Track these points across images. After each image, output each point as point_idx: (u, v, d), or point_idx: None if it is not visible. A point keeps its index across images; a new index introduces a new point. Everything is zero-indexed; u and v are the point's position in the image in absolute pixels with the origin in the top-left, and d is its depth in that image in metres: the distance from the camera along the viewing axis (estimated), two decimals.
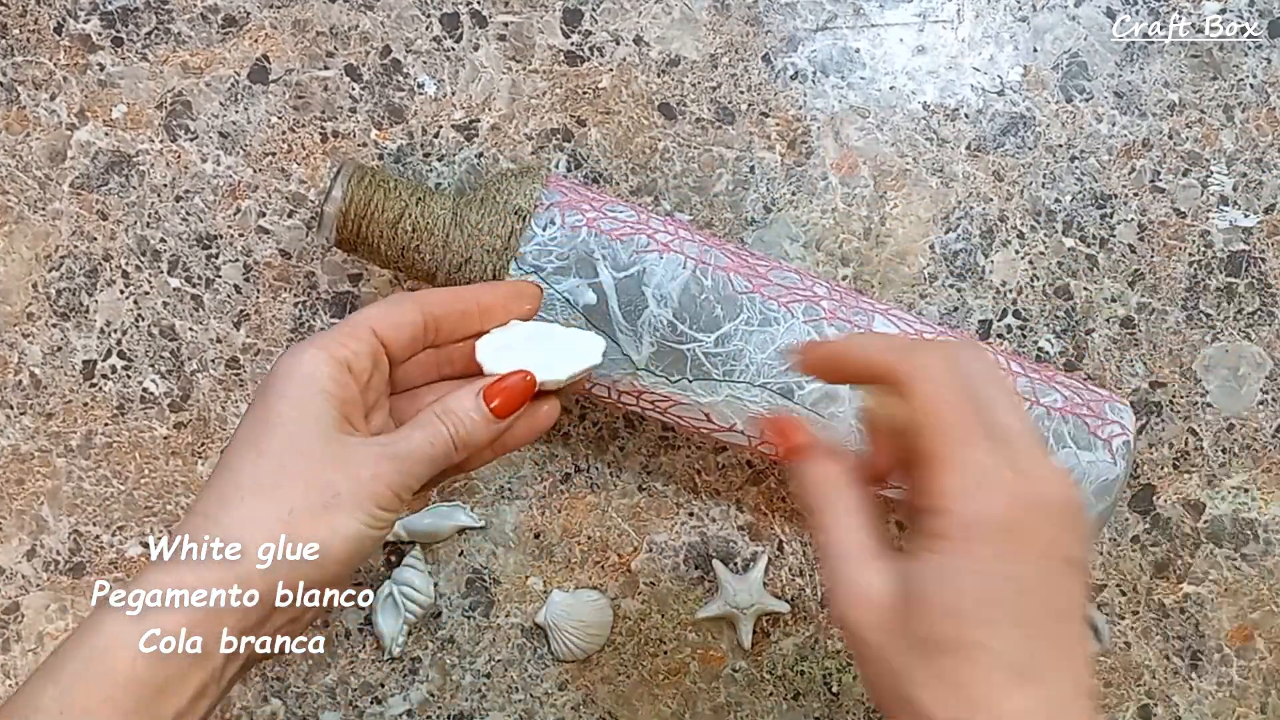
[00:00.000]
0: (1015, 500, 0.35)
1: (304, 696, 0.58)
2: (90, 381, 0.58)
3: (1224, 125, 0.58)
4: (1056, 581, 0.36)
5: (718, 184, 0.58)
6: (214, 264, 0.58)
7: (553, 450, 0.58)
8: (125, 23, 0.58)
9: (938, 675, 0.35)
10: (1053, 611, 0.36)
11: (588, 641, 0.57)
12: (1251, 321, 0.58)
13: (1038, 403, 0.50)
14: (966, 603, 0.35)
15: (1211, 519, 0.58)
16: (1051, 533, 0.36)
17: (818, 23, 0.58)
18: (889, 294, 0.58)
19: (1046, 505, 0.36)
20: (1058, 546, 0.36)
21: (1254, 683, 0.58)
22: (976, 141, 0.58)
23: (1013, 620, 0.35)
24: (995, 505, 0.35)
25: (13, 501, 0.58)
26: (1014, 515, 0.35)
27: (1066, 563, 0.36)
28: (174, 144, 0.58)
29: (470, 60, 0.58)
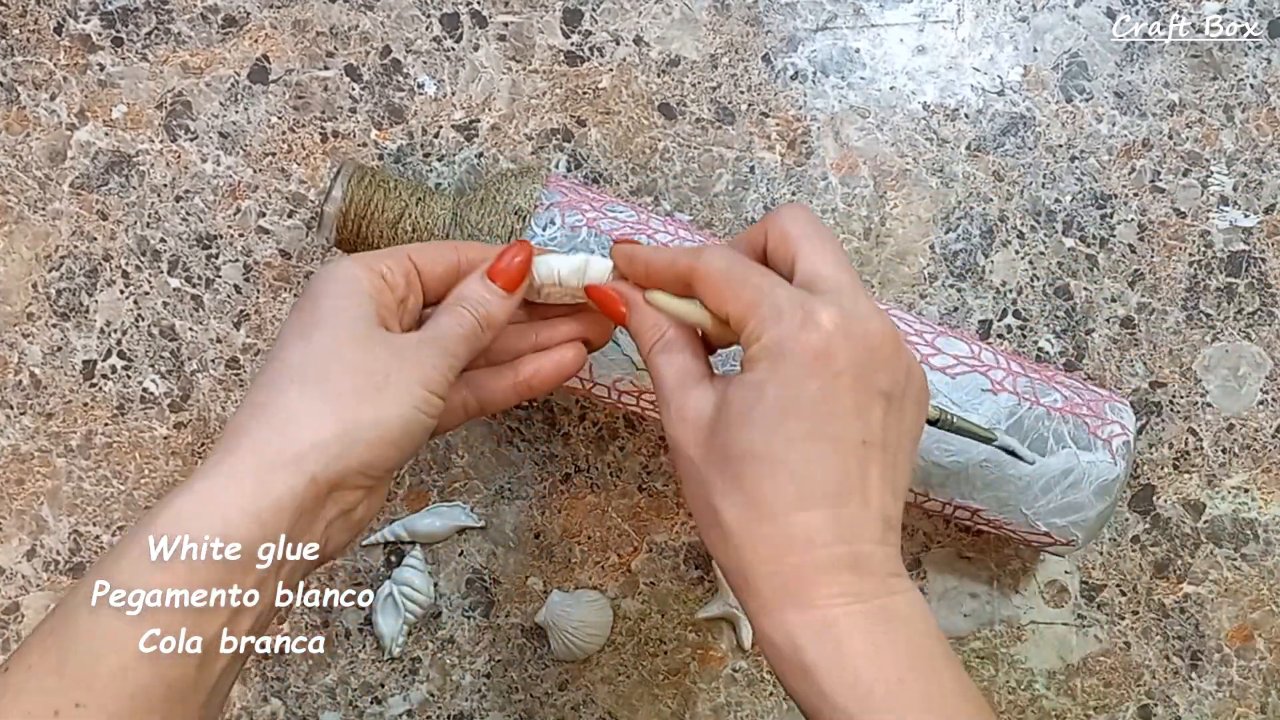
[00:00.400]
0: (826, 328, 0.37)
1: (304, 696, 0.58)
2: (90, 381, 0.58)
3: (1224, 125, 0.58)
4: (865, 410, 0.37)
5: (718, 184, 0.58)
6: (214, 264, 0.58)
7: (553, 450, 0.58)
8: (125, 23, 0.58)
9: (736, 484, 0.37)
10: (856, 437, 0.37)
11: (588, 641, 0.57)
12: (1251, 321, 0.58)
13: (1038, 403, 0.51)
14: (768, 415, 0.37)
15: (1211, 519, 0.58)
16: (863, 362, 0.37)
17: (818, 23, 0.58)
18: (889, 294, 0.58)
19: (861, 336, 0.37)
20: (869, 377, 0.37)
21: (1254, 683, 0.58)
22: (976, 141, 0.58)
23: (810, 437, 0.37)
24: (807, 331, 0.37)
25: (13, 501, 0.58)
26: (824, 342, 0.37)
27: (881, 395, 0.38)
28: (174, 144, 0.58)
29: (470, 60, 0.58)
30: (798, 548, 0.36)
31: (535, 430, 0.58)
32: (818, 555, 0.36)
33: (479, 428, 0.58)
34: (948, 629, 0.58)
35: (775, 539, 0.37)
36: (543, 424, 0.58)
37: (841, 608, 0.36)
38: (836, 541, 0.37)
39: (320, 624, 0.58)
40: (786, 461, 0.37)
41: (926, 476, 0.51)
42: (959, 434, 0.44)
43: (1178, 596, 0.58)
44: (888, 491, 0.38)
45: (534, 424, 0.58)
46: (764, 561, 0.37)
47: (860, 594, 0.36)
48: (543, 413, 0.58)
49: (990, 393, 0.50)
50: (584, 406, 0.58)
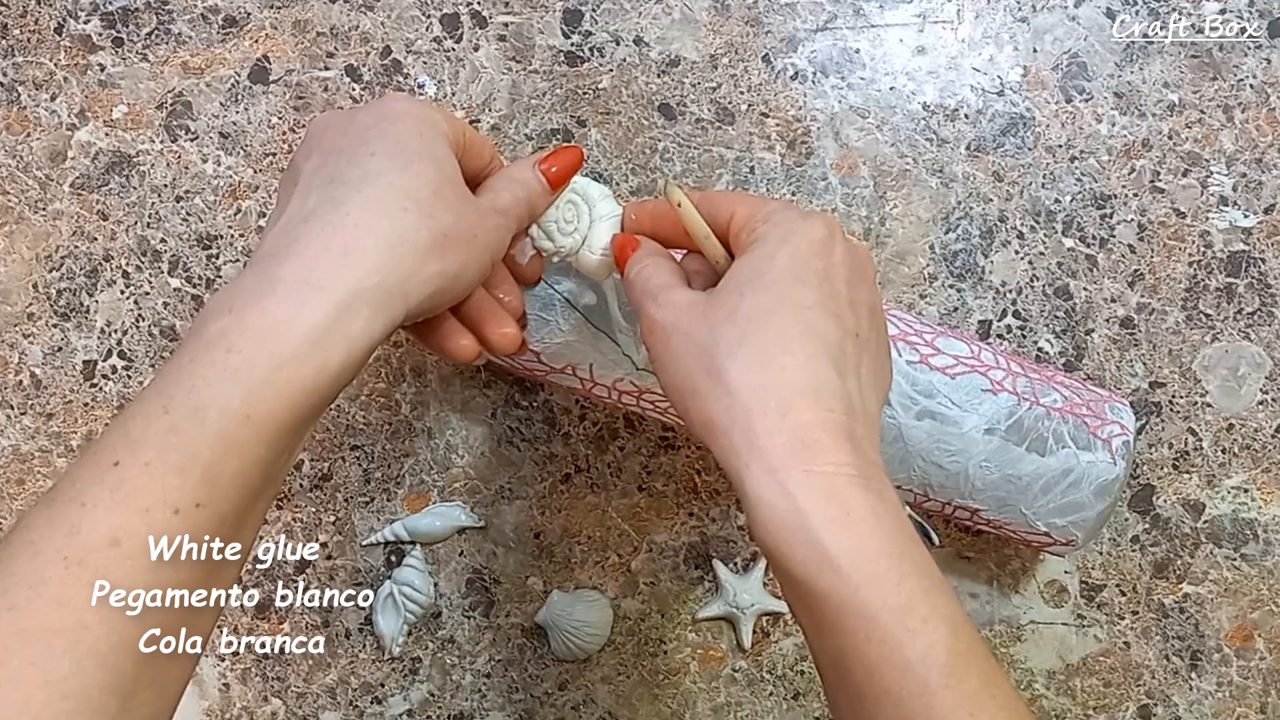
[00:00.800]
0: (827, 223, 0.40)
1: (304, 696, 0.58)
2: (90, 382, 0.58)
3: (1224, 125, 0.58)
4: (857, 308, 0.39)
5: (718, 184, 0.58)
6: (214, 264, 0.58)
7: (553, 450, 0.58)
8: (126, 23, 0.58)
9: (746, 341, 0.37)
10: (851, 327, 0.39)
11: (588, 641, 0.57)
12: (1251, 321, 0.58)
13: (1038, 403, 0.51)
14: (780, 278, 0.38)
15: (1211, 519, 0.58)
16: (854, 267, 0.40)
17: (818, 23, 0.58)
18: (889, 294, 0.58)
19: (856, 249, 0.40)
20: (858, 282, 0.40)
21: (1254, 683, 0.58)
22: (976, 142, 0.58)
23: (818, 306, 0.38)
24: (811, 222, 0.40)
25: (13, 501, 0.58)
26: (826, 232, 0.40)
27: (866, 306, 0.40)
28: (174, 144, 0.58)
29: (470, 61, 0.58)
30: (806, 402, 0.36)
31: (535, 430, 0.58)
32: (826, 416, 0.36)
33: (479, 428, 0.58)
34: None
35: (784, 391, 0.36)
36: (543, 424, 0.58)
37: (846, 478, 0.36)
38: (841, 409, 0.37)
39: (320, 624, 0.58)
40: (800, 320, 0.37)
41: (926, 477, 0.51)
42: None
43: (1177, 596, 0.58)
44: (870, 394, 0.39)
45: (534, 424, 0.58)
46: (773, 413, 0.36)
47: (860, 470, 0.36)
48: (543, 413, 0.58)
49: (990, 393, 0.50)
50: (584, 406, 0.58)
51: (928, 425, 0.49)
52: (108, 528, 0.32)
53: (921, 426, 0.49)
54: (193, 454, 0.33)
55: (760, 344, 0.37)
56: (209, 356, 0.34)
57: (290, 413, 0.34)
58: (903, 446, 0.50)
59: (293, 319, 0.35)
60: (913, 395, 0.49)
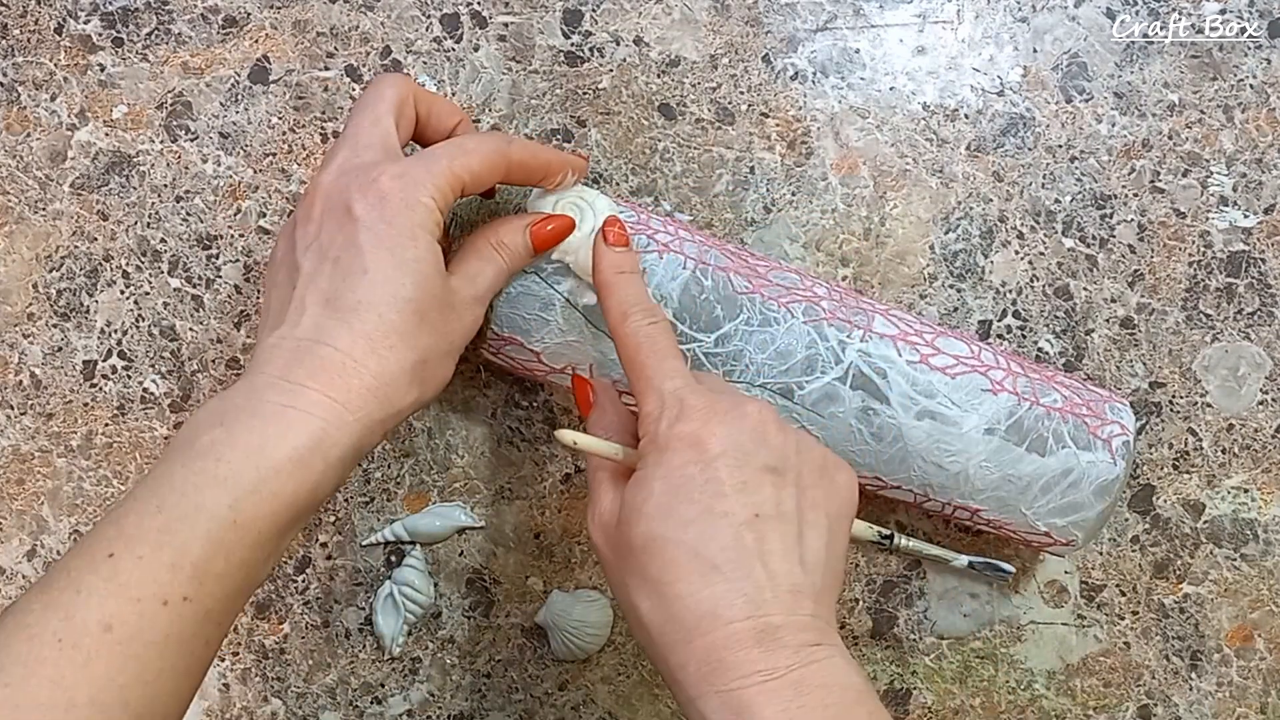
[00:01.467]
0: (706, 415, 0.40)
1: (304, 696, 0.58)
2: (90, 382, 0.58)
3: (1224, 126, 0.58)
4: (753, 486, 0.39)
5: (718, 184, 0.58)
6: (214, 264, 0.58)
7: (553, 450, 0.58)
8: (125, 23, 0.58)
9: (642, 575, 0.39)
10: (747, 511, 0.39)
11: (588, 641, 0.57)
12: (1251, 322, 0.58)
13: (1037, 403, 0.51)
14: (659, 504, 0.39)
15: (1211, 519, 0.58)
16: (740, 443, 0.39)
17: (818, 23, 0.58)
18: (889, 294, 0.58)
19: (737, 420, 0.40)
20: (750, 456, 0.39)
21: (1254, 683, 0.58)
22: (976, 142, 0.58)
23: (701, 516, 0.38)
24: (683, 419, 0.40)
25: (13, 502, 0.58)
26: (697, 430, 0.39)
27: (767, 470, 0.39)
28: (174, 144, 0.58)
29: (470, 61, 0.58)
30: (705, 625, 0.37)
31: (535, 430, 0.58)
32: (726, 632, 0.37)
33: (479, 428, 0.58)
34: (948, 629, 0.58)
35: (684, 620, 0.38)
36: (543, 424, 0.58)
37: (756, 686, 0.36)
38: (743, 615, 0.37)
39: (320, 624, 0.58)
40: (682, 543, 0.38)
41: (926, 477, 0.51)
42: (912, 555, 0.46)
43: (1177, 596, 0.58)
44: (794, 561, 0.39)
45: (534, 424, 0.58)
46: (679, 647, 0.38)
47: (773, 669, 0.37)
48: (543, 413, 0.58)
49: (990, 393, 0.50)
50: None
51: (927, 425, 0.49)
52: (100, 614, 0.35)
53: (921, 426, 0.49)
54: (184, 551, 0.36)
55: (656, 578, 0.38)
56: (200, 464, 0.37)
57: (273, 520, 0.38)
58: (902, 446, 0.50)
59: (278, 440, 0.38)
60: (913, 395, 0.49)
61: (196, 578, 0.36)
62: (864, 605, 0.58)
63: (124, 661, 0.35)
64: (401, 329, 0.41)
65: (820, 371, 0.49)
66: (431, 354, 0.43)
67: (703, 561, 0.38)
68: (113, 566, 0.35)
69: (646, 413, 0.41)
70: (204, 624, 0.37)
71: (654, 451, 0.40)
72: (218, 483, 0.37)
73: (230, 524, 0.37)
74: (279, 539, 0.39)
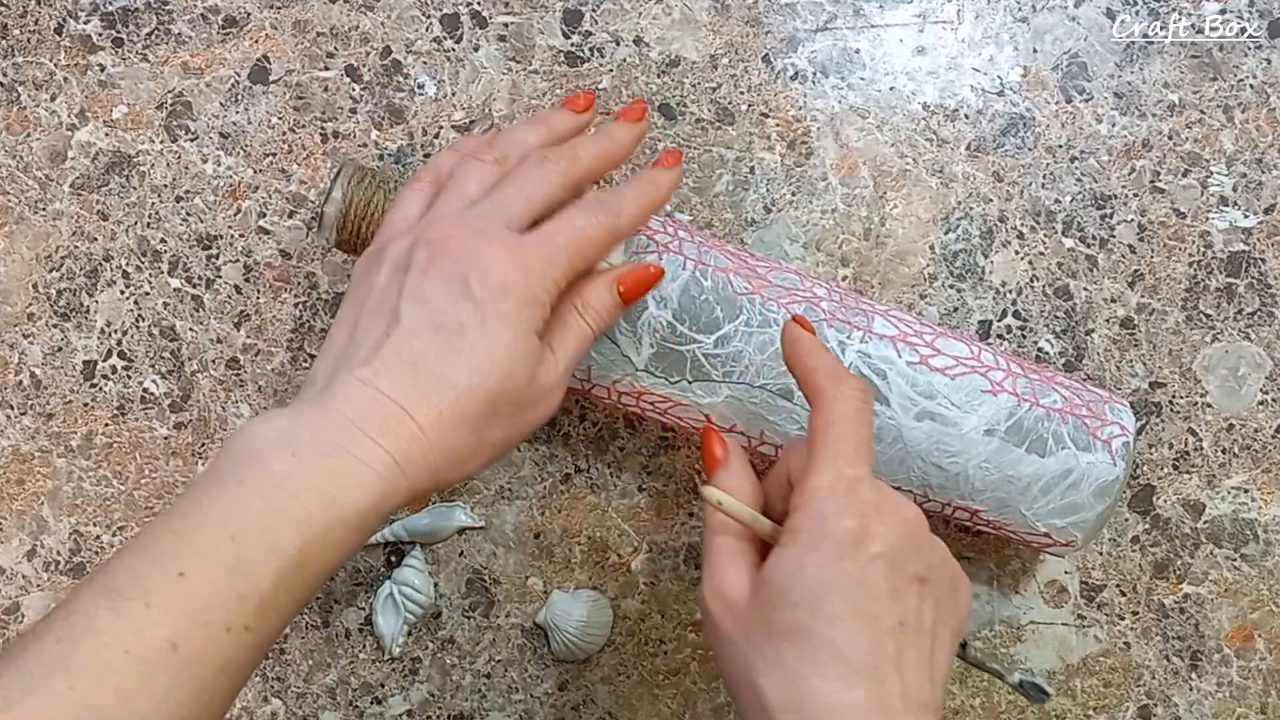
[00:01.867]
0: (870, 512, 0.39)
1: (304, 696, 0.58)
2: (90, 382, 0.58)
3: (1224, 126, 0.58)
4: (901, 593, 0.39)
5: (718, 184, 0.58)
6: (214, 264, 0.58)
7: (553, 450, 0.58)
8: (125, 23, 0.58)
9: (776, 661, 0.38)
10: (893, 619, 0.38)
11: (588, 641, 0.57)
12: (1251, 322, 0.58)
13: (1037, 403, 0.51)
14: (808, 593, 0.38)
15: (1211, 519, 0.58)
16: (898, 547, 0.39)
17: (818, 23, 0.58)
18: (889, 294, 0.58)
19: (899, 524, 0.39)
20: (904, 561, 0.39)
21: (1254, 683, 0.58)
22: (976, 142, 0.58)
23: (850, 616, 0.38)
24: (851, 510, 0.39)
25: (13, 502, 0.58)
26: (864, 524, 0.39)
27: (916, 579, 0.39)
28: (174, 144, 0.58)
29: (470, 61, 0.58)
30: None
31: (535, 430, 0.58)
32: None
33: None
34: None
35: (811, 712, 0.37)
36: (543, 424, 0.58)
37: None
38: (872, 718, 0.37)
39: (320, 624, 0.58)
40: (828, 640, 0.38)
41: (926, 478, 0.51)
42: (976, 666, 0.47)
43: (1177, 597, 0.58)
44: (924, 675, 0.39)
45: None
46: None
47: None
48: None
49: (990, 394, 0.50)
50: (584, 406, 0.58)
51: (927, 426, 0.49)
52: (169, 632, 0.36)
53: (921, 427, 0.49)
54: (254, 584, 0.37)
55: (792, 665, 0.38)
56: (276, 498, 0.38)
57: (329, 567, 0.40)
58: (902, 447, 0.50)
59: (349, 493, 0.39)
60: (912, 396, 0.49)
61: (260, 610, 0.37)
62: None
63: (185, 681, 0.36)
64: (474, 417, 0.42)
65: None
66: (494, 444, 0.43)
67: (844, 663, 0.38)
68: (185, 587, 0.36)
69: (814, 486, 0.40)
70: (257, 652, 0.38)
71: (811, 533, 0.39)
72: (293, 523, 0.38)
73: (297, 565, 0.38)
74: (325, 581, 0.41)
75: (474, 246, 0.43)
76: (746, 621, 0.40)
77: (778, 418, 0.50)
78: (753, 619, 0.40)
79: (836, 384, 0.42)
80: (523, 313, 0.42)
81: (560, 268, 0.43)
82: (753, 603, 0.40)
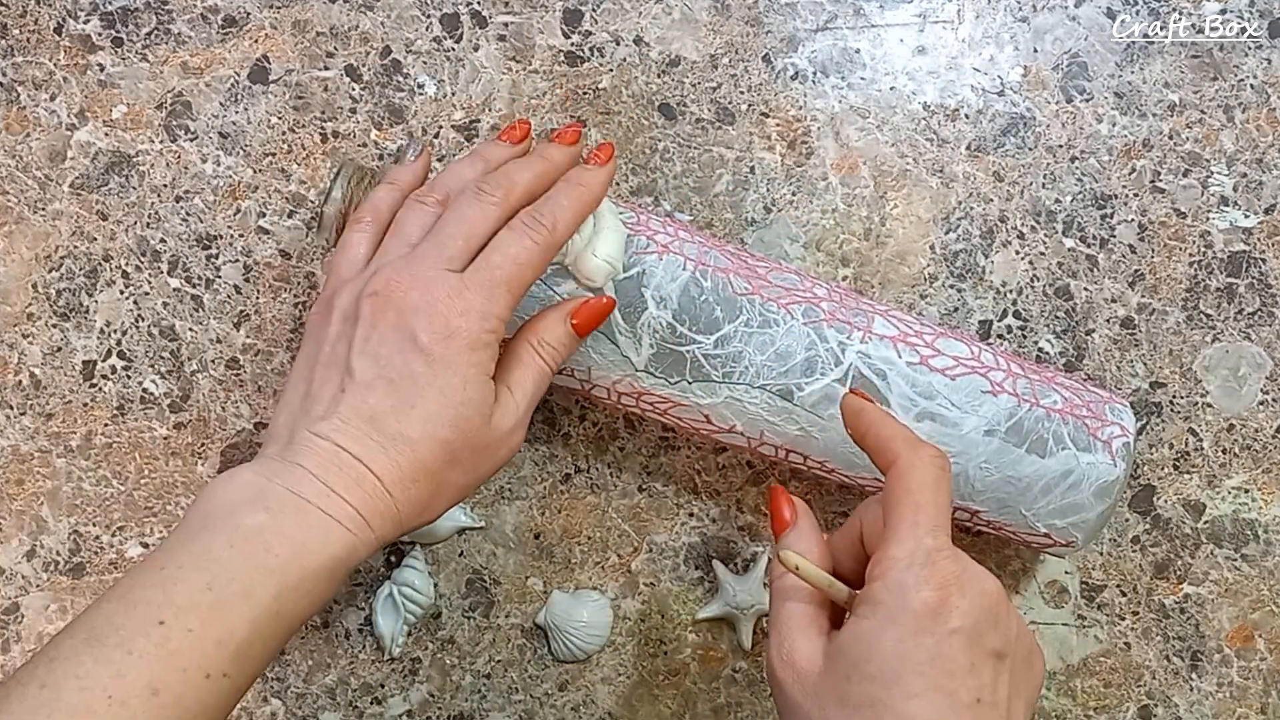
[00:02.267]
0: (950, 584, 0.38)
1: (304, 697, 0.58)
2: (90, 382, 0.58)
3: (1224, 126, 0.58)
4: (979, 668, 0.38)
5: (718, 184, 0.58)
6: (214, 264, 0.58)
7: (553, 450, 0.58)
8: (125, 23, 0.58)
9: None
10: (970, 695, 0.38)
11: (588, 642, 0.57)
12: (1252, 322, 0.58)
13: (1037, 404, 0.50)
14: (885, 667, 0.38)
15: (1212, 519, 0.58)
16: (977, 621, 0.38)
17: (818, 23, 0.58)
18: (889, 294, 0.58)
19: (979, 597, 0.39)
20: (982, 636, 0.38)
21: (1254, 683, 0.58)
22: (977, 142, 0.58)
23: (927, 691, 0.37)
24: (930, 582, 0.38)
25: (13, 502, 0.58)
26: (944, 597, 0.38)
27: (993, 654, 0.39)
28: (174, 144, 0.58)
29: (470, 60, 0.58)
30: None
31: (535, 430, 0.58)
32: None
33: None
34: None
35: None
36: (543, 424, 0.58)
37: None
38: None
39: (320, 624, 0.58)
40: (902, 715, 0.37)
41: None
42: None
43: (1178, 597, 0.58)
44: None
45: (534, 424, 0.58)
46: None
47: None
48: (543, 413, 0.58)
49: (990, 394, 0.50)
50: (584, 406, 0.58)
51: (927, 427, 0.49)
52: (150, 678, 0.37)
53: (921, 428, 0.49)
54: (231, 632, 0.38)
55: None
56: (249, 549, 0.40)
57: (302, 617, 0.41)
58: None
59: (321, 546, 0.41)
60: (912, 397, 0.49)
61: (237, 657, 0.38)
62: None
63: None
64: (432, 468, 0.43)
65: (820, 373, 0.49)
66: (456, 488, 0.45)
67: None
68: (164, 634, 0.37)
69: (893, 556, 0.39)
70: (234, 697, 0.39)
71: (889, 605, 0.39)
72: (267, 572, 0.39)
73: (273, 614, 0.39)
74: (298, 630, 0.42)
75: (417, 295, 0.43)
76: (818, 691, 0.39)
77: (778, 418, 0.50)
78: (825, 689, 0.39)
79: (914, 452, 0.42)
80: (471, 358, 0.43)
81: (502, 301, 0.44)
82: (825, 672, 0.39)
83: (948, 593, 0.38)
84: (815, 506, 0.58)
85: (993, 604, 0.39)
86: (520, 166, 0.47)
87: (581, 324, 0.47)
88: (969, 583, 0.39)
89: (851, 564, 0.44)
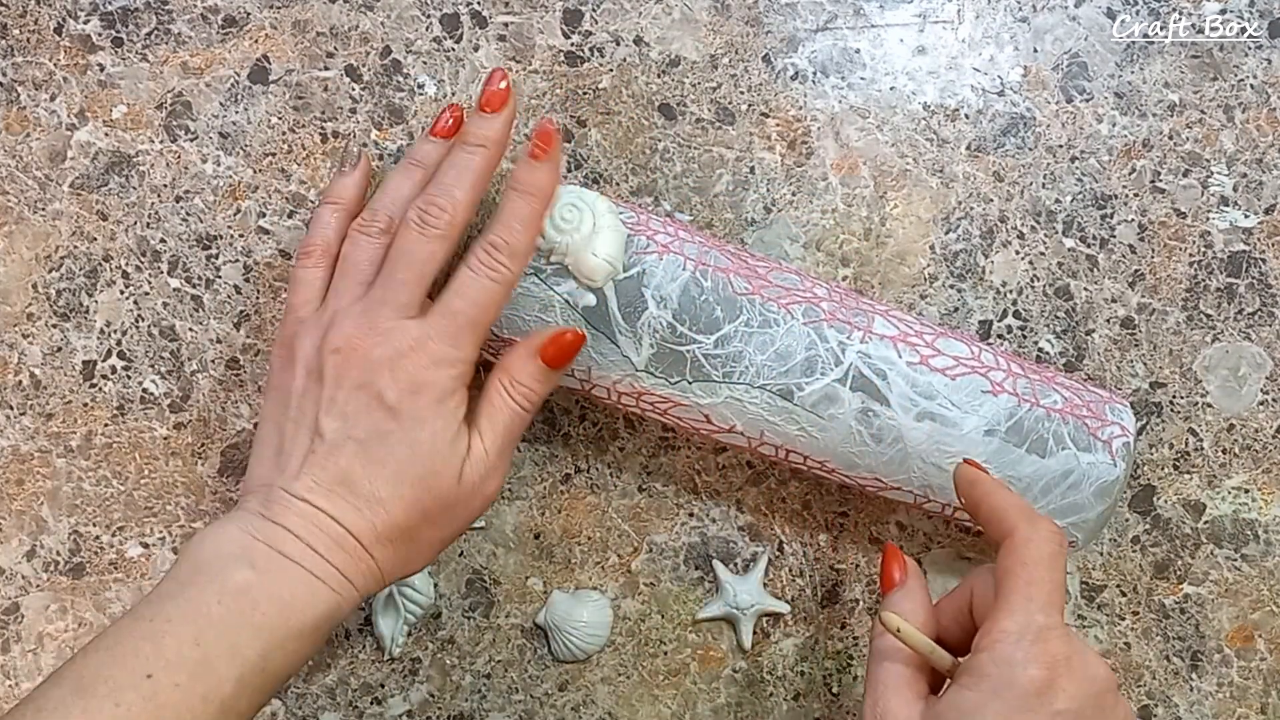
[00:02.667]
0: (1059, 664, 0.38)
1: (304, 697, 0.58)
2: (90, 382, 0.58)
3: (1224, 126, 0.58)
4: None
5: (718, 184, 0.58)
6: (214, 264, 0.58)
7: (553, 450, 0.58)
8: (125, 23, 0.58)
9: None
10: None
11: (588, 642, 0.57)
12: (1252, 322, 0.58)
13: (1037, 404, 0.51)
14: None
15: (1212, 519, 0.58)
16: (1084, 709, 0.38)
17: (818, 23, 0.58)
18: (889, 294, 0.58)
19: (1087, 682, 0.38)
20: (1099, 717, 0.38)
21: (1254, 683, 0.58)
22: (977, 142, 0.58)
23: None
24: (1039, 660, 0.38)
25: (13, 502, 0.58)
26: (1052, 677, 0.38)
27: None
28: (174, 144, 0.58)
29: (470, 61, 0.58)
30: None
31: (535, 430, 0.58)
32: None
33: None
34: None
35: None
36: (543, 424, 0.58)
37: None
38: None
39: None
40: None
41: (926, 478, 0.51)
42: None
43: (1178, 597, 0.58)
44: None
45: (534, 424, 0.58)
46: None
47: None
48: (543, 413, 0.58)
49: (990, 394, 0.50)
50: (584, 406, 0.58)
51: (927, 427, 0.49)
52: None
53: (921, 428, 0.49)
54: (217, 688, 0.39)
55: None
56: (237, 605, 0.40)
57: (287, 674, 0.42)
58: (902, 448, 0.50)
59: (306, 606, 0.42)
60: (913, 397, 0.49)
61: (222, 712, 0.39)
62: (864, 606, 0.58)
63: None
64: (405, 527, 0.44)
65: (820, 373, 0.49)
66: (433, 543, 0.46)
67: None
68: (151, 687, 0.38)
69: (1004, 629, 0.39)
70: None
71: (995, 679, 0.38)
72: (254, 630, 0.40)
73: (259, 670, 0.40)
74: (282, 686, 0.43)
75: (380, 351, 0.43)
76: None
77: (778, 418, 0.50)
78: None
79: (1032, 525, 0.41)
80: (439, 410, 0.44)
81: (468, 344, 0.44)
82: None
83: (1056, 673, 0.38)
84: (815, 506, 0.58)
85: (1100, 690, 0.39)
86: (457, 176, 0.46)
87: (552, 359, 0.47)
88: (1078, 665, 0.38)
89: (958, 631, 0.43)
